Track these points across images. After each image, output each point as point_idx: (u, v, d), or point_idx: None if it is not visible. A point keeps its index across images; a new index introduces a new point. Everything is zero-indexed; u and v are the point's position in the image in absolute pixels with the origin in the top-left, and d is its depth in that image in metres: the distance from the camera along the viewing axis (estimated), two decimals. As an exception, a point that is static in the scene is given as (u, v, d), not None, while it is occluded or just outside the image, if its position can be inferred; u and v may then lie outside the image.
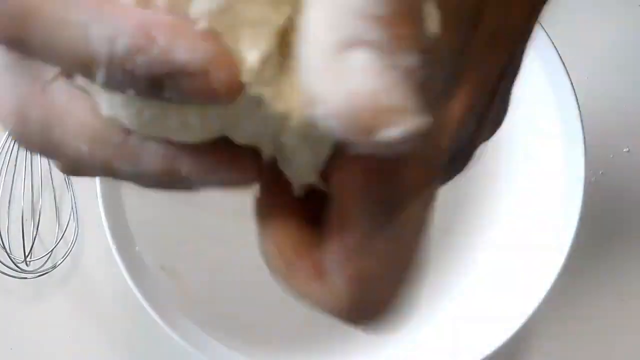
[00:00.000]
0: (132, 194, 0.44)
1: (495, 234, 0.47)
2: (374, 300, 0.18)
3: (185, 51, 0.15)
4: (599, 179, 0.52)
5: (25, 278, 0.52)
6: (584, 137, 0.43)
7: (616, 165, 0.53)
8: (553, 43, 0.44)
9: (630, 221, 0.52)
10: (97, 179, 0.43)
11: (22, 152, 0.54)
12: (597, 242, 0.50)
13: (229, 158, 0.18)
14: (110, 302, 0.43)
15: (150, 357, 0.43)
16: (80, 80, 0.18)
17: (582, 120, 0.43)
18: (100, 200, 0.42)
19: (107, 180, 0.41)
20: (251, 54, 0.16)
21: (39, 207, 0.53)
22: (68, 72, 0.18)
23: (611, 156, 0.53)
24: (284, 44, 0.17)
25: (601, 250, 0.51)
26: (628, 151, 0.53)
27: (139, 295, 0.41)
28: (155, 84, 0.16)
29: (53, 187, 0.53)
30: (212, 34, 0.16)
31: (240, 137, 0.18)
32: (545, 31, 0.44)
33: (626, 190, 0.52)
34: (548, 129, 0.44)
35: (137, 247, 0.43)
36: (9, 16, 0.16)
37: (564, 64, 0.43)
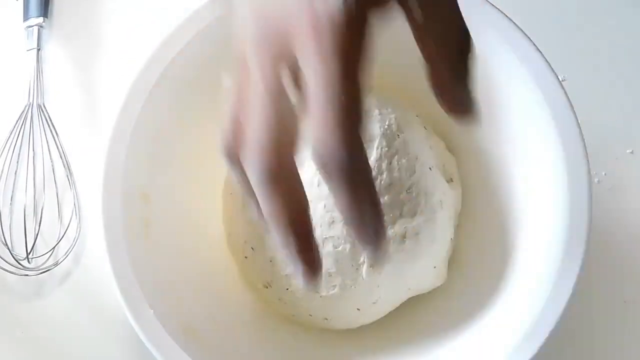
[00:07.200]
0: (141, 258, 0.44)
1: (501, 246, 0.47)
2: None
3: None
4: (603, 181, 0.52)
5: (27, 275, 0.52)
6: (583, 141, 0.43)
7: (620, 166, 0.53)
8: (538, 48, 0.43)
9: (634, 223, 0.52)
10: (105, 248, 0.43)
11: (25, 150, 0.54)
12: (599, 244, 0.50)
13: None
14: (112, 299, 0.43)
15: (151, 356, 0.43)
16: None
17: (577, 119, 0.43)
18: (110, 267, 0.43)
19: (116, 246, 0.43)
20: None
21: (41, 204, 0.53)
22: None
23: (615, 158, 0.53)
24: None
25: (603, 251, 0.51)
26: (631, 152, 0.53)
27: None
28: None
29: (55, 185, 0.53)
30: None
31: None
32: (527, 36, 0.43)
33: (630, 192, 0.52)
34: (544, 134, 0.44)
35: (152, 311, 0.43)
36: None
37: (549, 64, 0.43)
